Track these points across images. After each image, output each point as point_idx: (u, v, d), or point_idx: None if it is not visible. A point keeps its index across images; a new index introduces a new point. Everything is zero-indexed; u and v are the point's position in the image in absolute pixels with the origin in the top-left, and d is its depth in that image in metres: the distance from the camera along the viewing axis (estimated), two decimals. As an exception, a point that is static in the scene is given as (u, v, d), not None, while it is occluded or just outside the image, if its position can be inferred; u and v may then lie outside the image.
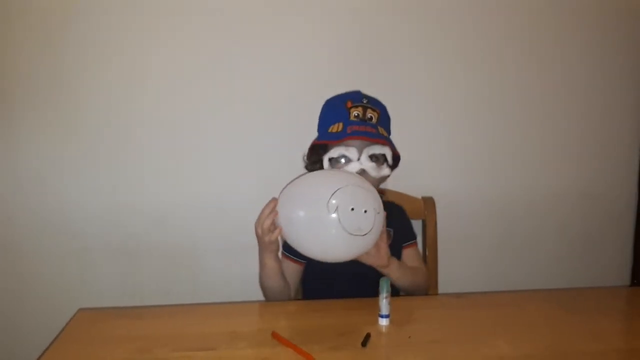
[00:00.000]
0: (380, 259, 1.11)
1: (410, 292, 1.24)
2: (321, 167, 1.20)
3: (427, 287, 1.30)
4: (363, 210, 1.00)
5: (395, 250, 1.24)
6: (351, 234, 0.99)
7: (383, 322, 0.99)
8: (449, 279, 1.52)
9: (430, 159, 1.61)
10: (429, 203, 1.48)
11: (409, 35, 1.54)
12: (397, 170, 1.32)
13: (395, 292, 1.19)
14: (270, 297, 1.20)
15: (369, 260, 1.11)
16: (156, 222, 1.53)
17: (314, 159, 1.23)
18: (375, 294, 1.03)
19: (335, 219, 0.98)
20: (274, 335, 0.94)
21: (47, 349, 0.92)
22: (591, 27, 1.62)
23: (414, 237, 1.32)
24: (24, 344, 1.52)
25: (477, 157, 1.63)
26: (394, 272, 1.15)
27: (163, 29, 1.46)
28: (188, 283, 1.57)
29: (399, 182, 1.50)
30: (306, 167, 1.28)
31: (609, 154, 1.69)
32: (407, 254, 1.28)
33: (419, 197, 1.50)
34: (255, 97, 1.51)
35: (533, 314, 1.08)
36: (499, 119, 1.62)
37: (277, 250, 1.13)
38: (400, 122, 1.55)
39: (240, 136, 1.53)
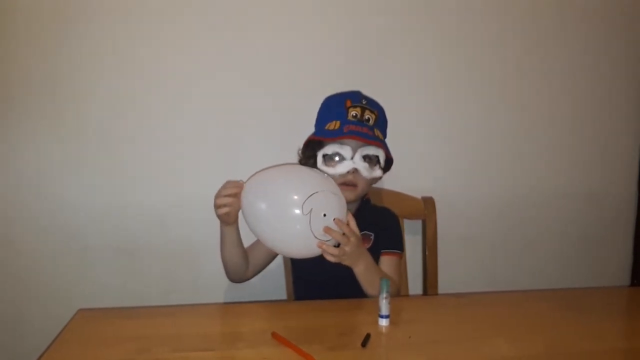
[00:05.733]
0: (347, 259, 1.10)
1: (370, 294, 1.18)
2: (315, 163, 1.21)
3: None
4: (332, 218, 1.05)
5: (374, 255, 1.23)
6: (317, 238, 1.04)
7: (383, 322, 0.99)
8: (449, 279, 1.52)
9: (430, 159, 1.61)
10: (429, 203, 1.48)
11: (409, 34, 1.54)
12: (397, 170, 1.32)
13: (361, 293, 1.18)
14: (224, 265, 1.22)
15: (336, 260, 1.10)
16: (156, 222, 1.53)
17: (309, 154, 1.24)
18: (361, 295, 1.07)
19: (307, 221, 1.03)
20: (274, 335, 0.94)
21: (47, 349, 0.92)
22: (591, 26, 1.62)
23: (398, 248, 1.29)
24: (24, 344, 1.52)
25: (477, 157, 1.63)
26: (359, 269, 1.14)
27: (163, 29, 1.46)
28: (188, 283, 1.57)
29: (399, 182, 1.50)
30: (300, 162, 1.29)
31: (609, 154, 1.69)
32: (384, 261, 1.26)
33: (419, 197, 1.50)
34: (254, 98, 1.51)
35: (533, 314, 1.08)
36: (499, 119, 1.62)
37: (232, 222, 1.14)
38: (400, 122, 1.55)
39: (240, 136, 1.53)
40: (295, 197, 1.04)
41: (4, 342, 1.53)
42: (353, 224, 1.10)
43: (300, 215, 1.03)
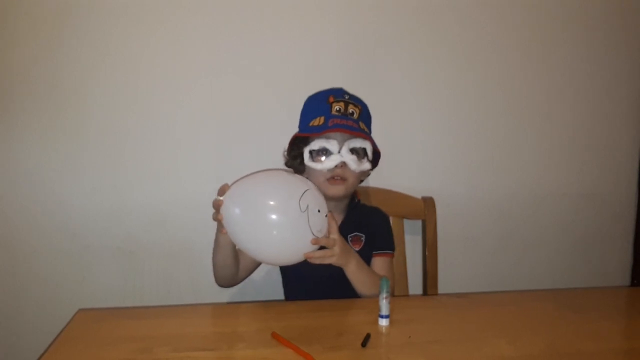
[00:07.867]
0: (336, 258, 1.09)
1: (362, 294, 1.18)
2: (301, 162, 1.20)
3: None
4: (324, 215, 1.05)
5: (365, 257, 1.22)
6: (314, 235, 1.03)
7: (383, 322, 0.99)
8: (449, 279, 1.52)
9: (430, 159, 1.61)
10: (429, 203, 1.48)
11: (409, 34, 1.54)
12: (397, 170, 1.32)
13: (353, 293, 1.18)
14: (215, 269, 1.20)
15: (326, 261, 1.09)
16: (156, 222, 1.53)
17: (294, 154, 1.23)
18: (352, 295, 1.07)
19: (305, 219, 1.01)
20: (274, 335, 0.94)
21: (47, 349, 0.92)
22: (591, 26, 1.62)
23: (390, 248, 1.28)
24: (24, 344, 1.52)
25: (477, 157, 1.63)
26: (351, 268, 1.14)
27: (164, 29, 1.46)
28: (188, 283, 1.57)
29: (399, 182, 1.51)
30: (286, 164, 1.28)
31: (609, 154, 1.69)
32: (376, 262, 1.25)
33: (419, 197, 1.50)
34: (254, 98, 1.51)
35: (533, 314, 1.08)
36: (499, 119, 1.62)
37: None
38: (400, 122, 1.56)
39: (240, 136, 1.53)
40: (272, 202, 1.02)
41: (3, 342, 1.53)
42: (333, 224, 1.08)
43: (279, 220, 1.01)
